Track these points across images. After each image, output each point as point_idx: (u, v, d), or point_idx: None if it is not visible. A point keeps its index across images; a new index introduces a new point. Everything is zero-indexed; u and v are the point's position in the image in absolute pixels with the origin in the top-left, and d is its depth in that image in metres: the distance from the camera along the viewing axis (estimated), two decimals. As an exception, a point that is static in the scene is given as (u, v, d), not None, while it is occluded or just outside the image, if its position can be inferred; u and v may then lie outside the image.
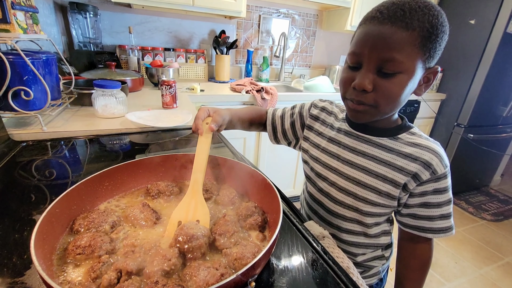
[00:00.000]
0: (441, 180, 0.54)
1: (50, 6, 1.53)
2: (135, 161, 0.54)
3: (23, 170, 0.64)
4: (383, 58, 0.47)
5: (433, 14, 0.45)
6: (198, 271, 0.34)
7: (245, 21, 2.10)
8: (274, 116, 0.77)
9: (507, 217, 2.21)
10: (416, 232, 0.58)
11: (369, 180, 0.58)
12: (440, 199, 0.55)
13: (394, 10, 0.46)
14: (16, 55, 0.77)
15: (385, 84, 0.48)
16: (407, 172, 0.54)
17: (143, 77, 1.57)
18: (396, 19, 0.45)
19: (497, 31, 1.95)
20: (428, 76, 0.52)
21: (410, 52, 0.46)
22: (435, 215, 0.56)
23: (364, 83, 0.49)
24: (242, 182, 0.55)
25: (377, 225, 0.63)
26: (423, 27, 0.45)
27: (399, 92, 0.49)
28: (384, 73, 0.48)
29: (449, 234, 0.56)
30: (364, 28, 0.49)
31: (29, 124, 0.87)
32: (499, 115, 2.28)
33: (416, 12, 0.45)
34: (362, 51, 0.49)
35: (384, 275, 0.72)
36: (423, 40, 0.46)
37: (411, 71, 0.48)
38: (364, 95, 0.50)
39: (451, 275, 1.61)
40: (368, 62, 0.48)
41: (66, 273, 0.34)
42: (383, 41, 0.46)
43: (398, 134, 0.57)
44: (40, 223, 0.35)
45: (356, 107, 0.53)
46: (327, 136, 0.66)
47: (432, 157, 0.53)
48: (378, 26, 0.47)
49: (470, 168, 2.40)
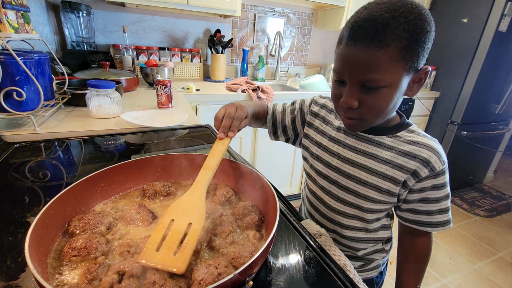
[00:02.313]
0: (439, 176, 0.55)
1: (42, 5, 1.50)
2: (131, 161, 0.54)
3: (16, 172, 0.63)
4: (362, 80, 0.48)
5: (409, 21, 0.44)
6: (199, 268, 0.34)
7: (240, 20, 2.10)
8: (275, 112, 0.76)
9: (500, 212, 2.25)
10: (415, 226, 0.60)
11: (369, 178, 0.59)
12: (439, 194, 0.56)
13: (366, 28, 0.45)
14: (7, 55, 0.75)
15: (370, 99, 0.49)
16: (406, 170, 0.55)
17: (138, 77, 1.56)
18: (369, 39, 0.44)
19: (489, 29, 1.97)
20: (420, 76, 0.52)
21: (388, 68, 0.46)
22: (434, 210, 0.57)
23: (350, 101, 0.50)
24: (238, 181, 0.56)
25: (377, 220, 0.64)
26: (399, 39, 0.44)
27: (384, 104, 0.50)
28: (368, 87, 0.48)
29: (447, 227, 0.58)
30: (341, 49, 0.50)
31: (22, 125, 0.85)
32: (492, 113, 2.32)
33: (389, 26, 0.43)
34: (343, 72, 0.50)
35: (384, 268, 0.74)
36: (402, 52, 0.45)
37: (394, 84, 0.48)
38: (352, 111, 0.52)
39: (446, 270, 1.63)
40: (350, 82, 0.50)
41: (62, 275, 0.34)
42: (359, 64, 0.47)
43: (397, 132, 0.58)
44: (34, 225, 0.34)
45: (347, 122, 0.56)
46: (328, 134, 0.66)
47: (431, 155, 0.54)
48: (353, 49, 0.47)
49: (464, 165, 2.44)
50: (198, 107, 1.56)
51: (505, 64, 2.15)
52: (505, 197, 2.50)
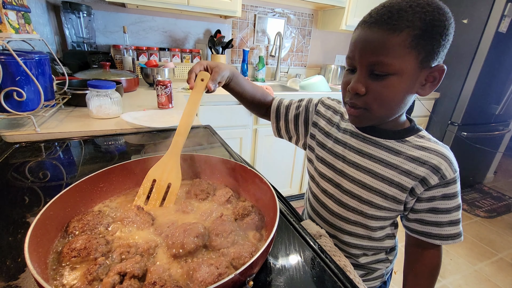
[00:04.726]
0: (450, 185, 0.52)
1: (43, 6, 1.51)
2: (131, 162, 0.54)
3: (16, 172, 0.63)
4: (371, 62, 0.47)
5: (426, 12, 0.44)
6: (199, 268, 0.34)
7: (240, 21, 2.10)
8: (280, 104, 0.74)
9: (500, 213, 2.25)
10: (423, 238, 0.56)
11: (374, 183, 0.56)
12: (449, 204, 0.53)
13: (382, 13, 0.46)
14: (8, 55, 0.75)
15: (377, 87, 0.48)
16: (414, 176, 0.53)
17: (138, 77, 1.56)
18: (383, 22, 0.45)
19: (489, 30, 1.97)
20: (433, 75, 0.49)
21: (399, 53, 0.45)
22: (444, 221, 0.54)
23: (357, 86, 0.49)
24: (238, 181, 0.55)
25: (382, 228, 0.61)
26: (413, 26, 0.44)
27: (390, 94, 0.49)
28: (376, 75, 0.48)
29: (457, 241, 0.54)
30: (355, 33, 0.50)
31: (22, 125, 0.85)
32: (492, 113, 2.32)
33: (405, 12, 0.44)
34: (354, 56, 0.50)
35: (388, 278, 0.71)
36: (415, 39, 0.45)
37: (403, 73, 0.47)
38: (357, 98, 0.51)
39: (446, 271, 1.63)
40: (360, 66, 0.49)
41: (62, 276, 0.34)
42: (370, 45, 0.47)
43: (406, 136, 0.56)
44: (34, 225, 0.34)
45: (351, 112, 0.53)
46: (333, 136, 0.64)
47: (441, 161, 0.51)
48: (366, 31, 0.47)
49: (464, 166, 2.41)
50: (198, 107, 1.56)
51: (505, 65, 2.15)
52: (505, 198, 2.49)
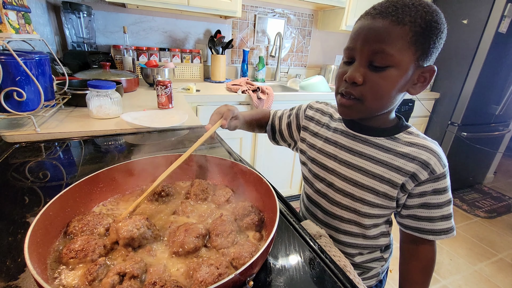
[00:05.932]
0: (440, 180, 0.53)
1: (43, 6, 1.51)
2: (131, 162, 0.54)
3: (16, 172, 0.63)
4: (373, 50, 0.48)
5: (427, 11, 0.46)
6: (199, 268, 0.34)
7: (240, 21, 2.10)
8: (274, 117, 0.79)
9: (500, 214, 2.25)
10: (417, 234, 0.57)
11: (366, 180, 0.57)
12: (440, 199, 0.54)
13: (386, 5, 0.47)
14: (8, 55, 0.75)
15: (375, 77, 0.49)
16: (404, 172, 0.54)
17: (138, 77, 1.56)
18: (388, 14, 0.46)
19: (489, 31, 1.98)
20: (424, 76, 0.51)
21: (401, 46, 0.47)
22: (436, 216, 0.55)
23: (355, 75, 0.50)
24: (238, 181, 0.55)
25: (376, 226, 0.62)
26: (415, 23, 0.46)
27: (386, 87, 0.49)
28: (375, 66, 0.48)
29: (450, 236, 0.55)
30: (358, 24, 0.51)
31: (22, 125, 0.85)
32: (492, 114, 2.32)
33: (409, 8, 0.46)
34: (355, 45, 0.50)
35: (383, 276, 0.72)
36: (415, 36, 0.46)
37: (402, 66, 0.48)
38: (353, 88, 0.51)
39: (446, 272, 1.62)
40: (360, 56, 0.50)
41: (62, 276, 0.34)
42: (374, 34, 0.47)
43: (395, 133, 0.57)
44: (34, 225, 0.34)
45: (344, 102, 0.53)
46: (323, 136, 0.66)
47: (430, 157, 0.53)
48: (370, 21, 0.48)
49: (464, 166, 2.44)
50: (198, 107, 1.56)
51: (505, 65, 2.15)
52: (505, 198, 2.49)
